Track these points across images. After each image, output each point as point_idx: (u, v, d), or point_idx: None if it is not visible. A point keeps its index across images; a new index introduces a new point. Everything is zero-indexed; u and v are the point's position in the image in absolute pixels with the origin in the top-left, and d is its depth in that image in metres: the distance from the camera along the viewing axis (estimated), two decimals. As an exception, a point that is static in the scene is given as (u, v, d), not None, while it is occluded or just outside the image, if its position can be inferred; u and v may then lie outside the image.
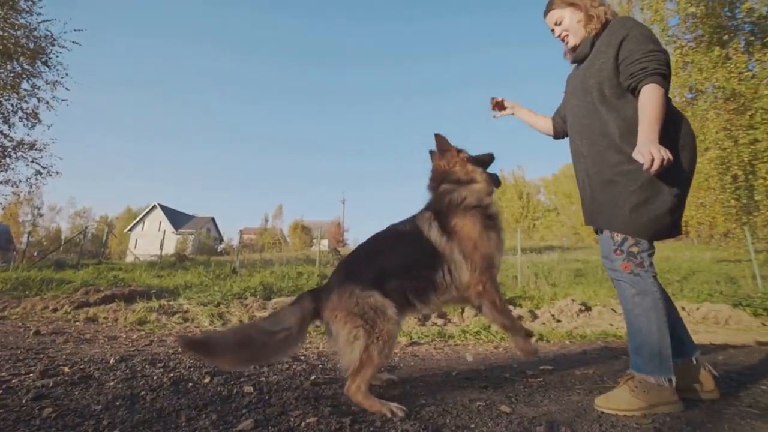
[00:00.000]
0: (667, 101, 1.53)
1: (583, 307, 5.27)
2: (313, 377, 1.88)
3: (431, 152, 1.94)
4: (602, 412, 1.44)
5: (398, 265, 1.57)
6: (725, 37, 5.79)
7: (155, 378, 1.76)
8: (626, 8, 8.04)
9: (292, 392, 1.60)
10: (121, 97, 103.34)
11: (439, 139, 1.86)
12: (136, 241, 39.37)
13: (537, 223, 33.90)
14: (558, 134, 2.04)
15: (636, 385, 1.48)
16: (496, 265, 1.64)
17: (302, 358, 2.46)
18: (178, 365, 2.03)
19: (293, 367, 2.13)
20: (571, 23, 1.72)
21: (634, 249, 1.52)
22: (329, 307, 1.49)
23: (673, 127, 1.53)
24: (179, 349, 2.49)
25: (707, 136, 6.21)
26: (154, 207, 42.58)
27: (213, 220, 46.30)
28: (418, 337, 3.43)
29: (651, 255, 1.55)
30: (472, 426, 1.28)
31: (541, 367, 2.21)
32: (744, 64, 5.37)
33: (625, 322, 1.65)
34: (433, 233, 1.61)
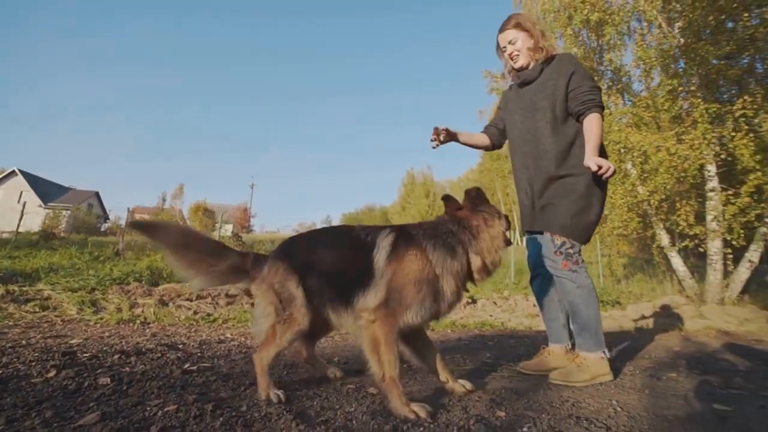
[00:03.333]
0: None
1: (470, 300, 5.87)
2: (186, 366, 1.80)
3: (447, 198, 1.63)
4: (453, 390, 1.64)
5: (328, 266, 1.47)
6: (595, 78, 7.09)
7: (-25, 377, 1.49)
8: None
9: (158, 381, 1.52)
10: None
11: (478, 192, 1.58)
12: (-17, 212, 31.82)
13: (441, 221, 36.53)
14: (494, 145, 2.24)
15: (581, 362, 1.80)
16: (410, 312, 1.37)
17: (180, 346, 2.33)
18: (15, 360, 1.74)
19: (166, 355, 2.01)
20: (523, 46, 1.95)
21: (571, 250, 1.82)
22: (259, 276, 1.52)
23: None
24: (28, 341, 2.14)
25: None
26: (12, 173, 34.76)
27: (97, 195, 39.70)
28: (312, 327, 3.47)
29: (581, 253, 1.87)
30: (337, 407, 1.37)
31: (417, 352, 2.43)
32: (605, 103, 6.66)
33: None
34: (381, 253, 1.41)
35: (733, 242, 5.63)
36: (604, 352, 1.82)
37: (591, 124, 1.78)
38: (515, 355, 2.47)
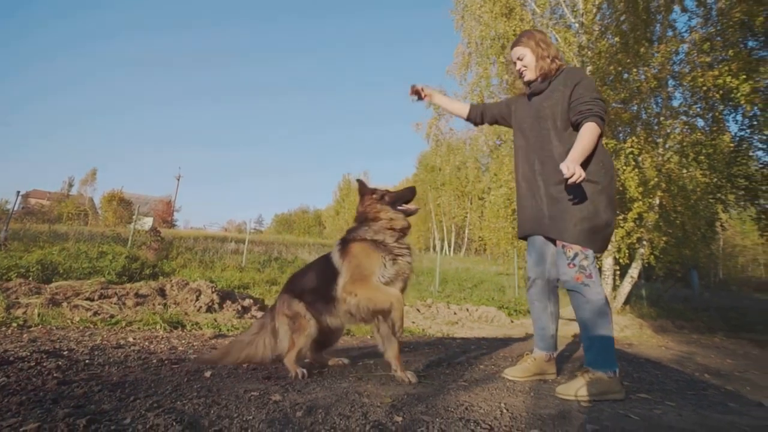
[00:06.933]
0: (601, 144, 1.88)
1: (396, 306, 6.03)
2: (65, 375, 1.62)
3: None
4: (357, 396, 1.67)
5: (313, 283, 2.11)
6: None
7: None
8: (466, 61, 9.83)
9: (20, 396, 1.33)
10: None
11: (359, 184, 2.26)
12: None
13: (373, 227, 37.15)
14: (470, 118, 2.40)
15: (590, 379, 1.77)
16: (374, 276, 1.95)
17: (65, 352, 2.08)
18: None
19: (43, 364, 1.78)
20: (530, 62, 2.02)
21: (584, 263, 1.82)
22: (276, 311, 2.19)
23: (606, 159, 1.92)
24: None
25: (500, 176, 8.32)
26: None
27: (-21, 170, 33.48)
28: (228, 330, 3.31)
29: (595, 264, 1.86)
30: (235, 415, 1.33)
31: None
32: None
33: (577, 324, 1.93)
34: (335, 257, 2.05)
35: (620, 260, 6.55)
36: (614, 371, 1.80)
37: (583, 131, 1.82)
38: (427, 361, 2.60)
